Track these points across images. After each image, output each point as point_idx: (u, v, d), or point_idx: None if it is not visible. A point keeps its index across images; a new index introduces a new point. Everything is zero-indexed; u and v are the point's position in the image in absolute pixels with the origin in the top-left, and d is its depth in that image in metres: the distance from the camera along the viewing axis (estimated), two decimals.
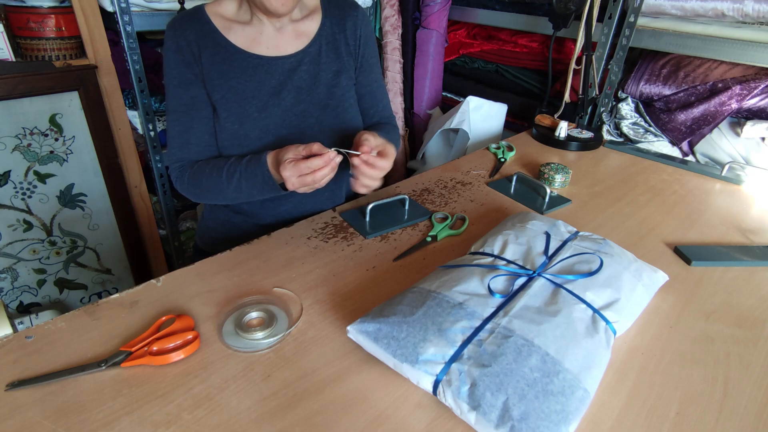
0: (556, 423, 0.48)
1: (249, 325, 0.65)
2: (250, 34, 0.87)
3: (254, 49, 0.87)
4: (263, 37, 0.87)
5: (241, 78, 0.86)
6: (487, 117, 1.59)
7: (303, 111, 0.90)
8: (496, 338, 0.56)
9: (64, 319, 0.65)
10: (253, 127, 0.87)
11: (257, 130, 0.87)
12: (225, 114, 0.86)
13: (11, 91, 1.21)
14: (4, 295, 1.41)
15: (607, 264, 0.69)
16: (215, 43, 0.85)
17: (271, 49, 0.88)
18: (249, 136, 0.87)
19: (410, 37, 1.84)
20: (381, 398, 0.55)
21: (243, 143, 0.87)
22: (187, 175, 0.87)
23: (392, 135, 1.00)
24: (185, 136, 0.86)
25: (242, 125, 0.86)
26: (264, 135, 0.87)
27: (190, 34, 0.84)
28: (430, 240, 0.86)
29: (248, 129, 0.87)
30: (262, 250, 0.82)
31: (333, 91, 0.92)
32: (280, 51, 0.89)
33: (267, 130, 0.87)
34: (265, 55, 0.87)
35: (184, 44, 0.83)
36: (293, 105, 0.89)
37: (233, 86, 0.86)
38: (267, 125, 0.87)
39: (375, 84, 1.01)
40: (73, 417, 0.52)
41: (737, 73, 1.22)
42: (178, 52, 0.84)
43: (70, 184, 1.40)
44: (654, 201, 1.04)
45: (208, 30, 0.85)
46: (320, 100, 0.91)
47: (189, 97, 0.85)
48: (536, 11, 1.55)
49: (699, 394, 0.58)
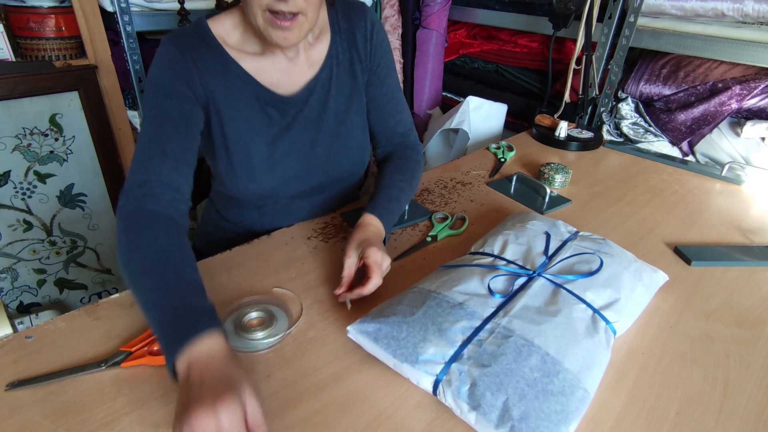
0: (556, 423, 0.48)
1: (249, 325, 0.65)
2: (263, 65, 0.80)
3: (267, 81, 0.81)
4: (275, 69, 0.81)
5: (252, 111, 0.81)
6: (487, 117, 1.59)
7: (311, 140, 0.86)
8: (496, 338, 0.56)
9: (64, 319, 0.65)
10: (261, 161, 0.83)
11: (264, 164, 0.83)
12: (233, 144, 0.81)
13: (11, 91, 1.21)
14: (4, 295, 1.41)
15: (607, 264, 0.69)
16: (226, 68, 0.78)
17: (284, 83, 0.82)
18: (256, 171, 0.83)
19: (410, 37, 1.84)
20: (381, 398, 0.55)
21: (250, 177, 0.83)
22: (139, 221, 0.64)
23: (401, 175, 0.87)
24: (162, 146, 0.70)
25: (249, 159, 0.82)
26: (271, 168, 0.84)
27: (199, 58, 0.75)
28: (430, 240, 0.86)
29: (256, 161, 0.82)
30: (262, 250, 0.82)
31: (343, 118, 0.87)
32: (293, 83, 0.83)
33: (275, 164, 0.84)
34: (279, 93, 0.81)
35: (190, 63, 0.75)
36: (301, 135, 0.85)
37: (245, 117, 0.80)
38: (275, 158, 0.84)
39: (385, 98, 0.91)
40: (73, 417, 0.52)
41: (737, 73, 1.22)
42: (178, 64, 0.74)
43: (70, 184, 1.40)
44: (654, 201, 1.04)
45: (217, 53, 0.77)
46: (328, 130, 0.86)
47: (180, 110, 0.74)
48: (536, 11, 1.55)
49: (699, 394, 0.58)
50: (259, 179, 0.83)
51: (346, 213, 0.93)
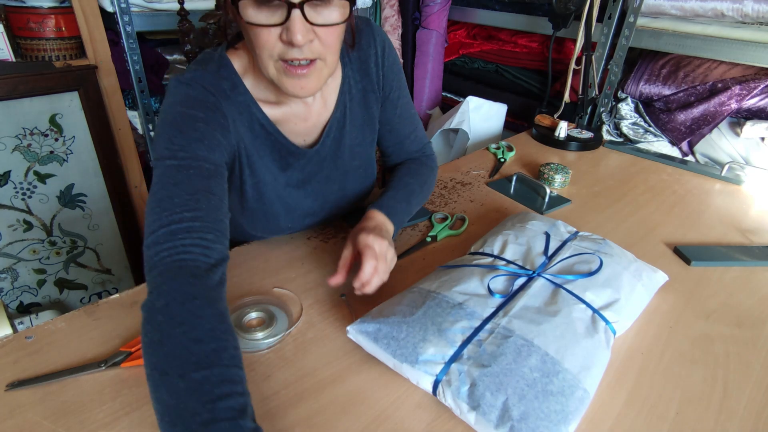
0: (555, 423, 0.48)
1: (249, 325, 0.65)
2: (282, 112, 0.73)
3: (288, 130, 0.74)
4: (294, 116, 0.74)
5: (274, 160, 0.75)
6: (487, 117, 1.59)
7: (326, 177, 0.82)
8: (495, 338, 0.56)
9: (64, 319, 0.65)
10: (280, 204, 0.79)
11: (284, 208, 0.80)
12: (256, 194, 0.75)
13: (11, 91, 1.21)
14: (4, 295, 1.41)
15: (607, 264, 0.69)
16: (252, 117, 0.70)
17: (301, 129, 0.76)
18: (276, 213, 0.79)
19: (410, 37, 1.84)
20: (381, 398, 0.55)
21: (269, 219, 0.80)
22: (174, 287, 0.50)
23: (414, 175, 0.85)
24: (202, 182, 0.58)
25: (271, 205, 0.78)
26: (289, 210, 0.81)
27: (227, 106, 0.67)
28: (429, 240, 0.86)
29: (276, 208, 0.79)
30: (262, 250, 0.82)
31: (357, 151, 0.83)
32: (311, 130, 0.77)
33: (291, 206, 0.81)
34: (299, 145, 0.76)
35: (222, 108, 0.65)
36: (316, 173, 0.80)
37: (267, 166, 0.74)
38: (290, 203, 0.80)
39: (399, 119, 0.86)
40: (73, 417, 0.52)
41: (737, 73, 1.22)
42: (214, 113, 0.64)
43: (70, 184, 1.40)
44: (654, 201, 1.04)
45: (244, 102, 0.69)
46: (343, 165, 0.82)
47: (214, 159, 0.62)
48: (536, 11, 1.55)
49: (699, 394, 0.58)
50: (277, 220, 0.80)
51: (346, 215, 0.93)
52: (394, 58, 0.82)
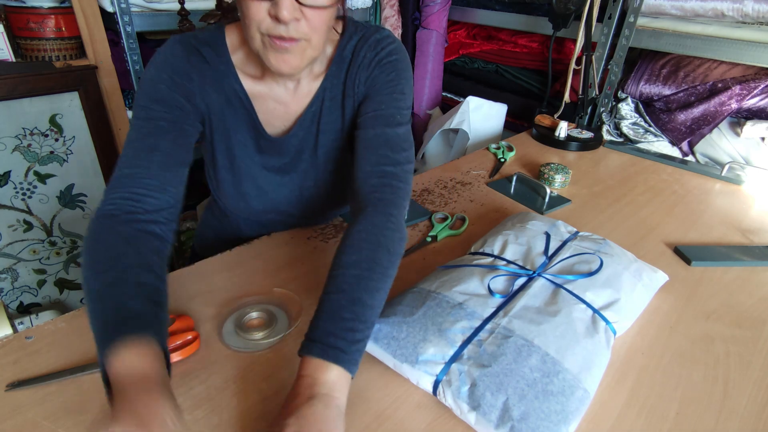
0: (556, 423, 0.48)
1: (249, 325, 0.65)
2: (262, 90, 0.74)
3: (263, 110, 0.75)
4: (272, 98, 0.75)
5: (247, 137, 0.77)
6: (487, 117, 1.59)
7: (303, 170, 0.82)
8: (496, 338, 0.56)
9: (64, 319, 0.65)
10: (251, 185, 0.80)
11: (256, 189, 0.81)
12: (224, 166, 0.78)
13: (11, 91, 1.21)
14: (4, 295, 1.41)
15: (607, 264, 0.69)
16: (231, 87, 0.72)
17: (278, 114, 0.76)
18: (248, 194, 0.81)
19: (410, 37, 1.84)
20: (381, 398, 0.55)
21: (241, 198, 0.82)
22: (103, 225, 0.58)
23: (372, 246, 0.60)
24: (148, 153, 0.63)
25: (240, 182, 0.80)
26: (262, 193, 0.82)
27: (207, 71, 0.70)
28: (430, 240, 0.86)
29: (247, 187, 0.80)
30: (262, 250, 0.82)
31: (332, 156, 0.80)
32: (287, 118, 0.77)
33: (265, 190, 0.82)
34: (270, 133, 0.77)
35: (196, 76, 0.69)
36: (293, 165, 0.81)
37: (239, 141, 0.76)
38: (266, 186, 0.81)
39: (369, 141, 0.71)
40: (73, 417, 0.52)
41: (737, 73, 1.22)
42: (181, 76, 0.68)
43: (70, 185, 1.40)
44: (654, 201, 1.04)
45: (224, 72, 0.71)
46: (319, 163, 0.81)
47: (170, 115, 0.67)
48: (536, 11, 1.55)
49: (699, 394, 0.58)
50: (249, 201, 0.82)
51: (346, 214, 0.93)
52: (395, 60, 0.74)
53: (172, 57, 0.68)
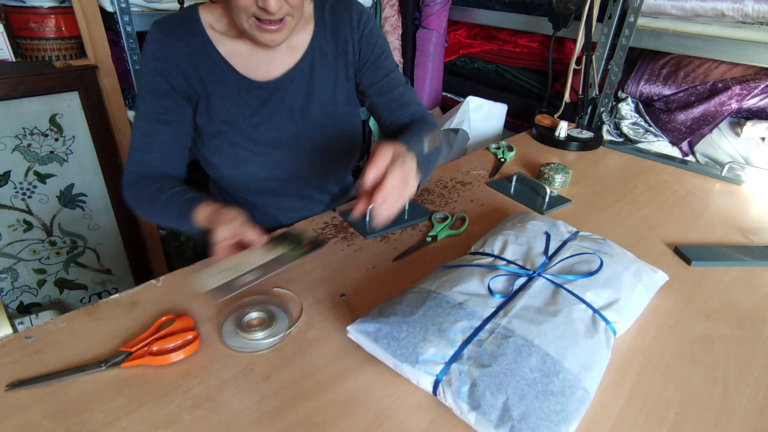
0: (556, 423, 0.48)
1: (249, 325, 0.65)
2: (241, 49, 0.81)
3: (245, 67, 0.82)
4: (254, 54, 0.82)
5: (234, 99, 0.82)
6: (487, 117, 1.59)
7: (296, 133, 0.86)
8: (496, 338, 0.56)
9: (64, 319, 0.65)
10: (244, 148, 0.84)
11: (248, 151, 0.84)
12: (218, 133, 0.83)
13: (11, 91, 1.21)
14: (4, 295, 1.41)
15: (607, 264, 0.69)
16: (210, 59, 0.80)
17: (262, 68, 0.82)
18: (240, 157, 0.84)
19: (410, 37, 1.84)
20: (381, 398, 0.55)
21: (234, 164, 0.84)
22: (136, 188, 0.81)
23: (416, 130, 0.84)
24: (149, 139, 0.81)
25: (233, 146, 0.83)
26: (255, 156, 0.84)
27: (182, 47, 0.78)
28: (430, 240, 0.86)
29: (239, 150, 0.83)
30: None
31: (327, 110, 0.87)
32: (271, 69, 0.83)
33: (258, 152, 0.84)
34: (255, 79, 0.82)
35: (171, 54, 0.77)
36: (285, 127, 0.85)
37: (227, 107, 0.82)
38: (258, 149, 0.84)
39: (385, 80, 0.89)
40: (73, 417, 0.52)
41: (737, 73, 1.22)
42: (160, 61, 0.77)
43: (70, 184, 1.40)
44: (654, 201, 1.04)
45: (201, 42, 0.79)
46: (313, 121, 0.86)
47: (161, 106, 0.79)
48: (536, 11, 1.55)
49: (699, 394, 0.58)
50: (242, 165, 0.84)
51: (346, 213, 0.93)
52: (373, 26, 0.88)
53: (153, 44, 0.78)
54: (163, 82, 0.78)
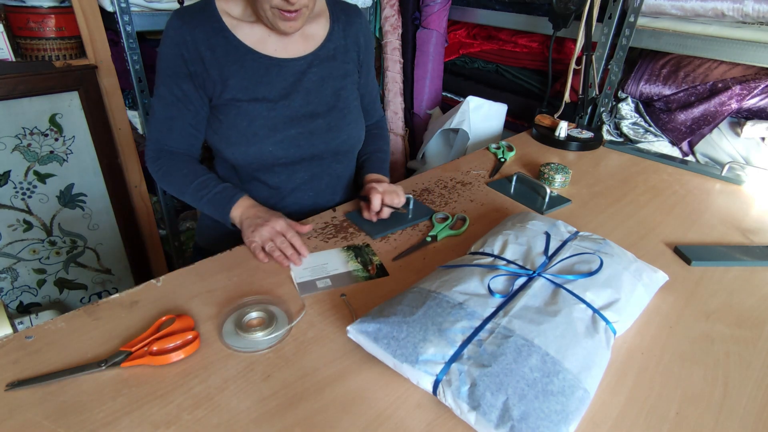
0: (556, 423, 0.48)
1: (249, 325, 0.65)
2: (258, 33, 0.87)
3: (263, 48, 0.87)
4: (271, 38, 0.88)
5: (252, 78, 0.86)
6: (487, 117, 1.59)
7: (311, 112, 0.91)
8: (496, 338, 0.56)
9: (64, 319, 0.65)
10: (262, 125, 0.87)
11: (266, 128, 0.87)
12: (235, 111, 0.87)
13: (11, 91, 1.21)
14: (4, 295, 1.41)
15: (607, 264, 0.69)
16: (226, 41, 0.85)
17: (279, 51, 0.88)
18: (258, 134, 0.87)
19: (410, 37, 1.84)
20: (381, 398, 0.55)
21: (251, 141, 0.87)
22: (163, 163, 0.90)
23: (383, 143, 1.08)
24: (170, 123, 0.88)
25: (251, 123, 0.87)
26: (272, 133, 0.88)
27: (199, 33, 0.83)
28: (429, 240, 0.86)
29: (257, 127, 0.87)
30: None
31: (340, 93, 0.94)
32: (288, 52, 0.89)
33: (275, 128, 0.88)
34: (275, 56, 0.88)
35: (190, 40, 0.83)
36: (302, 106, 0.90)
37: (245, 86, 0.86)
38: (276, 124, 0.88)
39: (371, 85, 1.06)
40: (73, 417, 0.52)
41: (737, 73, 1.22)
42: (180, 46, 0.83)
43: (70, 184, 1.40)
44: (654, 201, 1.04)
45: (218, 28, 0.84)
46: (328, 102, 0.92)
47: (180, 90, 0.86)
48: (536, 11, 1.55)
49: (699, 394, 0.58)
50: (259, 142, 0.88)
51: (351, 214, 0.93)
52: (371, 35, 1.02)
53: (172, 30, 0.83)
54: (182, 66, 0.84)
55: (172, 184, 0.90)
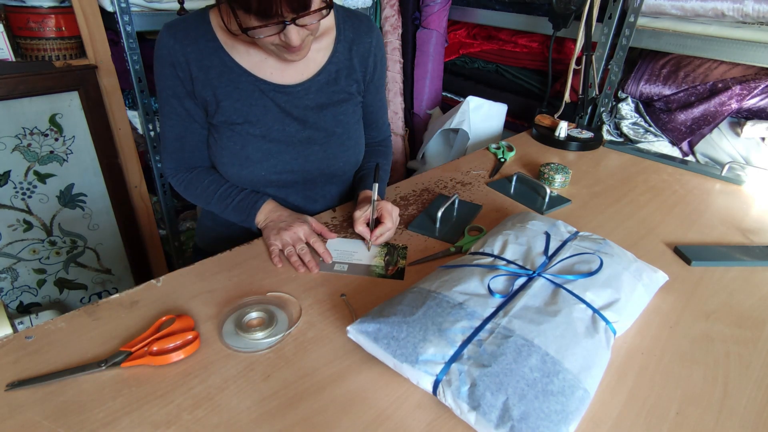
0: (556, 423, 0.48)
1: (249, 325, 0.65)
2: (255, 55, 0.83)
3: (259, 71, 0.84)
4: (269, 60, 0.84)
5: (246, 101, 0.83)
6: (487, 117, 1.59)
7: (308, 138, 0.88)
8: (496, 338, 0.56)
9: (64, 319, 0.65)
10: (256, 150, 0.85)
11: (259, 153, 0.85)
12: (229, 134, 0.84)
13: (11, 91, 1.21)
14: (4, 295, 1.41)
15: (607, 264, 0.69)
16: (222, 62, 0.81)
17: (276, 75, 0.85)
18: (250, 158, 0.85)
19: (410, 37, 1.84)
20: (381, 398, 0.55)
21: (244, 164, 0.85)
22: (182, 177, 0.91)
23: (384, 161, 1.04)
24: (180, 142, 0.88)
25: (244, 147, 0.85)
26: (265, 158, 0.86)
27: (192, 53, 0.80)
28: (453, 251, 0.83)
29: (250, 151, 0.85)
30: (262, 250, 0.82)
31: (340, 119, 0.90)
32: (285, 78, 0.85)
33: (269, 153, 0.86)
34: (272, 81, 0.84)
35: (183, 60, 0.80)
36: (298, 131, 0.87)
37: (239, 109, 0.84)
38: (269, 149, 0.86)
39: (379, 103, 1.00)
40: (73, 417, 0.52)
41: (737, 73, 1.22)
42: (174, 67, 0.80)
43: (70, 184, 1.40)
44: (654, 201, 1.04)
45: (213, 47, 0.81)
46: (326, 128, 0.89)
47: (183, 109, 0.84)
48: (536, 11, 1.55)
49: (699, 394, 0.58)
50: (252, 166, 0.86)
51: (413, 224, 0.90)
52: (383, 53, 0.96)
53: (164, 49, 0.80)
54: (180, 85, 0.82)
55: (196, 197, 0.91)
